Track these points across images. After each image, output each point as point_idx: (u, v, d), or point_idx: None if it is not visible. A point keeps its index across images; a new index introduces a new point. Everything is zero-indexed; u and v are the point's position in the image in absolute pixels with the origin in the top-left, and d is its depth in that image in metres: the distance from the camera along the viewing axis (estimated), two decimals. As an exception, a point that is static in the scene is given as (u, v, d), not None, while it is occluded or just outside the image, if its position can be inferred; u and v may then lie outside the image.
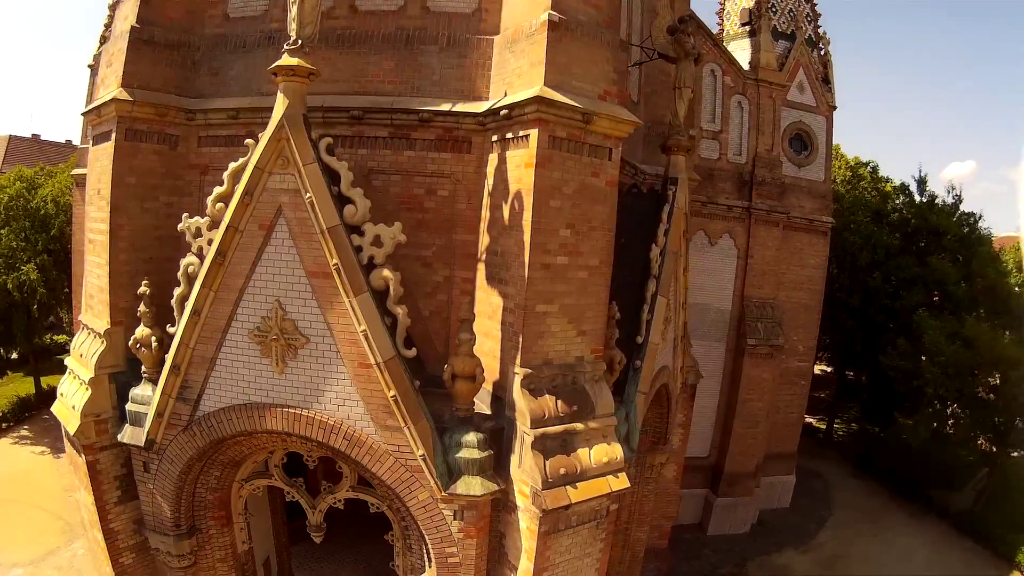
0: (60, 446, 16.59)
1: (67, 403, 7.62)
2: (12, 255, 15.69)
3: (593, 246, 6.55)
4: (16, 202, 16.13)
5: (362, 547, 12.06)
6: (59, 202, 16.95)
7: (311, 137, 6.05)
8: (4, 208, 15.97)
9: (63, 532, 13.30)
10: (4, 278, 15.34)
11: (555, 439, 6.30)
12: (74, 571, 12.13)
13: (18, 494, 14.59)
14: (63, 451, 16.31)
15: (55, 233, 16.63)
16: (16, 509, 14.02)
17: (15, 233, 15.86)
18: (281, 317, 6.30)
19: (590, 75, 6.40)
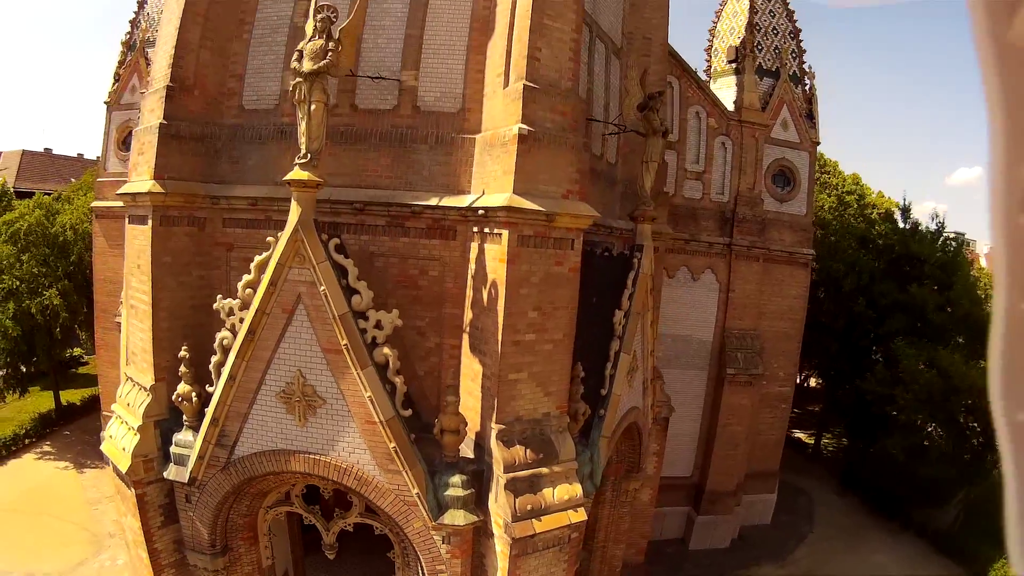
0: (82, 461, 19.05)
1: (117, 445, 9.79)
2: (34, 280, 17.99)
3: (557, 323, 8.54)
4: (36, 229, 18.38)
5: (369, 559, 14.33)
6: (77, 229, 19.17)
7: (322, 239, 8.07)
8: (24, 235, 18.24)
9: (90, 543, 15.51)
10: (28, 303, 17.63)
11: (524, 481, 8.37)
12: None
13: (46, 507, 16.84)
14: (85, 466, 18.80)
15: (75, 259, 18.89)
16: (44, 522, 16.26)
17: (36, 259, 18.14)
18: (302, 383, 8.41)
19: (555, 178, 8.34)
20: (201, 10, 9.56)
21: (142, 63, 16.12)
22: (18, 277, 17.47)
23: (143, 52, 16.17)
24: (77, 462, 18.90)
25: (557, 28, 8.55)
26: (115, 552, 14.89)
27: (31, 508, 16.67)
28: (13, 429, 19.63)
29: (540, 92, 8.21)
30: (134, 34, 17.04)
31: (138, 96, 16.05)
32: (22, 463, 18.91)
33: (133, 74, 16.51)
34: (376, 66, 9.25)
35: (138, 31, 16.88)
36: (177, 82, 9.36)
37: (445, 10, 9.31)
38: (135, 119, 16.43)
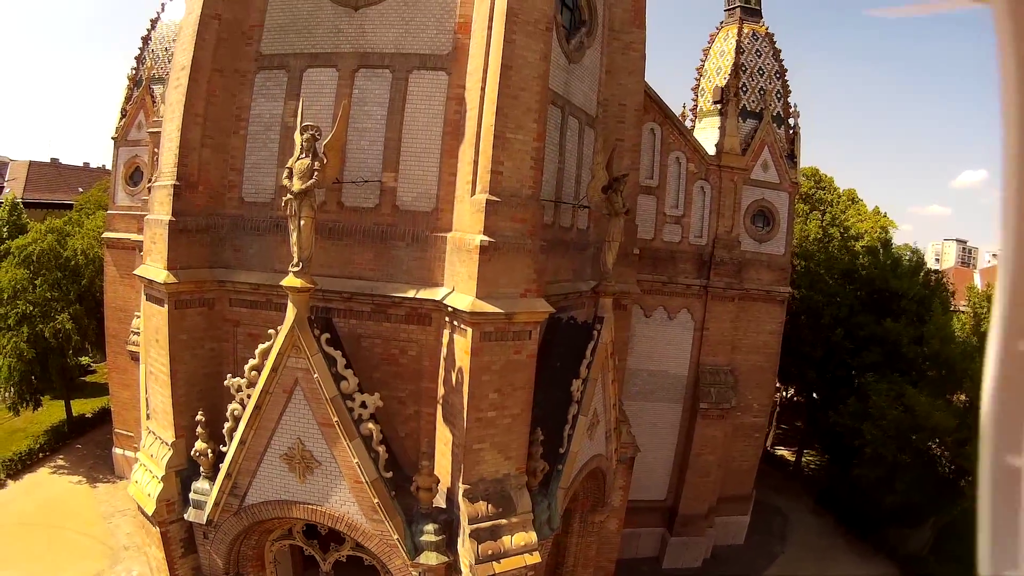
0: (95, 475, 22.28)
1: (143, 490, 12.69)
2: (47, 304, 20.96)
3: (515, 401, 11.14)
4: (48, 254, 21.25)
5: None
6: (88, 254, 22.03)
7: (315, 333, 10.74)
8: (37, 259, 21.13)
9: (106, 556, 18.43)
10: (41, 327, 20.64)
11: (486, 530, 11.10)
12: None
13: (62, 520, 19.82)
14: (99, 480, 22.02)
15: (85, 283, 21.82)
16: (61, 535, 19.23)
17: (49, 283, 21.06)
18: (301, 448, 11.18)
19: (513, 280, 10.82)
20: (200, 110, 11.96)
21: (148, 100, 18.62)
22: (31, 301, 20.45)
23: (148, 89, 18.66)
24: (90, 476, 22.03)
25: (519, 140, 10.90)
26: (130, 564, 17.96)
27: (49, 521, 19.69)
28: (28, 444, 22.88)
29: (501, 204, 10.61)
30: (139, 70, 19.46)
31: (144, 133, 18.63)
32: (38, 477, 22.12)
33: (139, 110, 19.03)
34: (360, 167, 11.69)
35: (143, 67, 19.29)
36: (182, 180, 11.81)
37: (420, 115, 11.65)
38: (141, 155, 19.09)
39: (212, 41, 11.98)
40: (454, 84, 11.51)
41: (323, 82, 12.04)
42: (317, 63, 12.06)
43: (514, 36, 10.75)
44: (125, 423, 20.64)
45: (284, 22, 12.27)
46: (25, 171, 36.84)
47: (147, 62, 19.21)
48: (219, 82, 12.16)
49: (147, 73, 18.94)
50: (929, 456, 18.58)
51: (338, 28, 11.97)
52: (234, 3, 12.19)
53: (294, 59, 12.17)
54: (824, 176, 26.54)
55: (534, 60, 11.00)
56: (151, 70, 18.75)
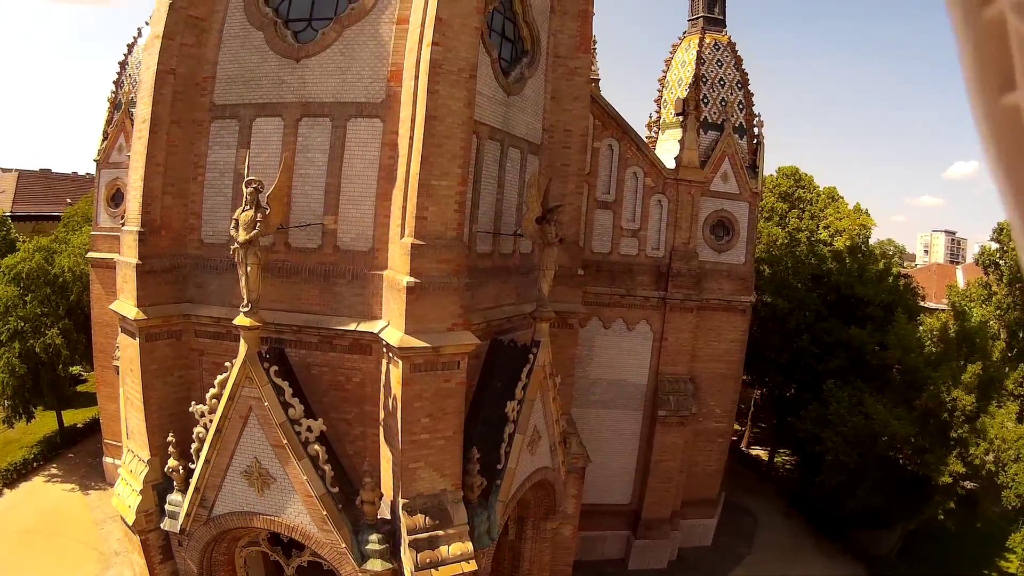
0: (87, 483, 25.23)
1: (124, 502, 15.36)
2: (37, 320, 23.85)
3: (447, 424, 13.47)
4: (37, 272, 24.09)
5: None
6: (75, 271, 24.84)
7: (264, 367, 13.19)
8: (26, 276, 23.99)
9: (98, 561, 21.01)
10: (32, 342, 23.56)
11: (424, 541, 13.52)
12: None
13: (56, 527, 22.43)
14: (91, 488, 24.94)
15: (74, 299, 24.68)
16: (56, 541, 21.81)
17: (38, 299, 23.94)
18: (258, 466, 13.69)
19: (440, 317, 13.10)
20: (161, 160, 14.23)
21: (127, 123, 21.04)
22: (22, 317, 23.34)
23: (128, 112, 21.09)
24: (82, 484, 24.86)
25: (444, 186, 13.08)
26: (121, 568, 20.66)
27: (44, 528, 22.39)
28: (23, 454, 25.87)
29: (427, 247, 12.83)
30: (118, 94, 21.94)
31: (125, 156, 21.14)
32: (33, 485, 25.06)
33: (120, 133, 21.51)
34: (304, 211, 13.95)
35: (122, 91, 21.78)
36: (147, 226, 14.12)
37: (357, 160, 13.79)
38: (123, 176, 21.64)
39: (169, 95, 14.26)
40: (388, 130, 13.63)
41: (270, 131, 14.28)
42: (264, 112, 14.30)
43: (438, 87, 12.83)
44: (114, 434, 23.42)
45: (234, 74, 14.52)
46: (14, 183, 39.75)
47: (125, 86, 21.62)
48: (178, 133, 14.45)
49: (126, 97, 21.33)
50: (891, 462, 20.47)
51: (282, 79, 14.20)
52: (188, 57, 14.45)
53: (244, 109, 14.43)
54: (804, 175, 28.09)
55: (458, 108, 13.08)
56: (129, 94, 21.14)
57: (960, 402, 19.63)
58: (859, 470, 20.54)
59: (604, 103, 18.54)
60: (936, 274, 46.62)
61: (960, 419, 19.75)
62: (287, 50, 14.10)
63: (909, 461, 19.86)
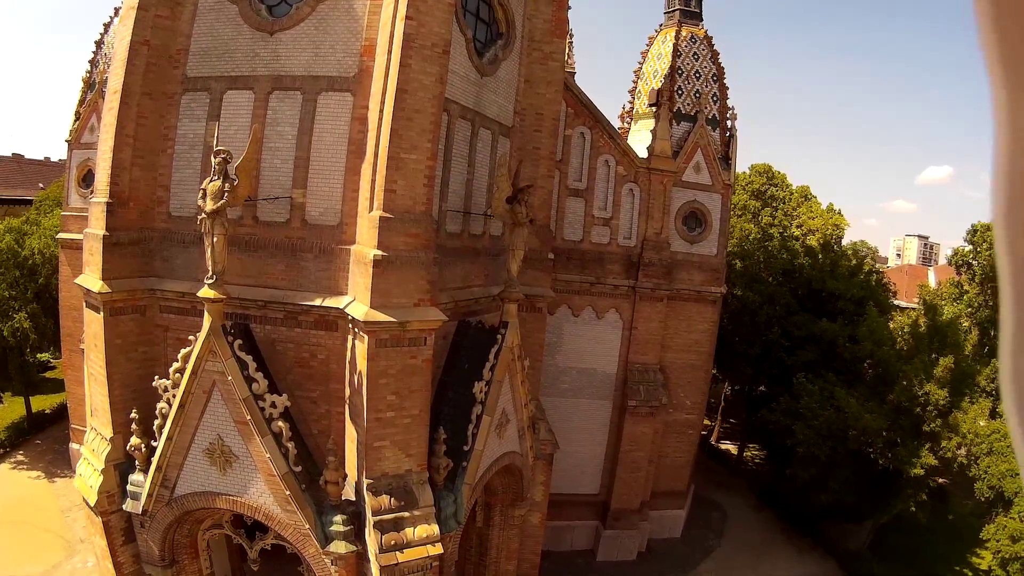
0: (54, 471, 24.58)
1: (86, 483, 14.86)
2: (4, 303, 23.21)
3: (413, 402, 13.13)
4: (6, 254, 23.46)
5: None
6: (45, 253, 24.21)
7: (228, 340, 12.77)
8: (-4, 258, 23.39)
9: (64, 548, 20.52)
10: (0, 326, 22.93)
11: (389, 522, 13.15)
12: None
13: (21, 515, 21.88)
14: (57, 475, 24.29)
15: (42, 281, 24.03)
16: (21, 529, 21.29)
17: (7, 282, 23.30)
18: (221, 443, 13.26)
19: (407, 292, 12.78)
20: (131, 131, 13.90)
21: (100, 103, 20.52)
22: (-10, 300, 22.78)
23: (101, 92, 20.56)
24: (49, 471, 24.27)
25: (412, 160, 12.79)
26: (86, 556, 20.12)
27: (9, 517, 21.80)
28: (-11, 441, 25.20)
29: (395, 220, 12.53)
30: (93, 73, 21.43)
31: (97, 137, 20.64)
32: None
33: (92, 114, 20.98)
34: (272, 184, 13.61)
35: (96, 71, 21.28)
36: (115, 197, 13.80)
37: (327, 134, 13.48)
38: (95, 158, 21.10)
39: (142, 66, 13.88)
40: (359, 105, 13.35)
41: (240, 103, 13.93)
42: (236, 86, 13.96)
43: (410, 60, 12.58)
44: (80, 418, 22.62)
45: (207, 46, 14.17)
46: (-15, 167, 39.37)
47: (100, 66, 21.11)
48: (149, 105, 14.08)
49: (100, 77, 20.81)
50: (863, 456, 20.36)
51: (255, 52, 13.87)
52: (162, 29, 14.08)
53: (216, 82, 14.08)
54: (777, 173, 28.09)
55: (429, 83, 12.84)
56: (103, 74, 20.65)
57: (932, 396, 19.56)
58: (830, 464, 20.43)
59: (577, 91, 18.35)
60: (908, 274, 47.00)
61: (932, 413, 19.69)
62: (261, 23, 13.81)
63: (880, 455, 19.75)
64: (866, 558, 21.22)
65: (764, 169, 28.17)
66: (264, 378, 12.89)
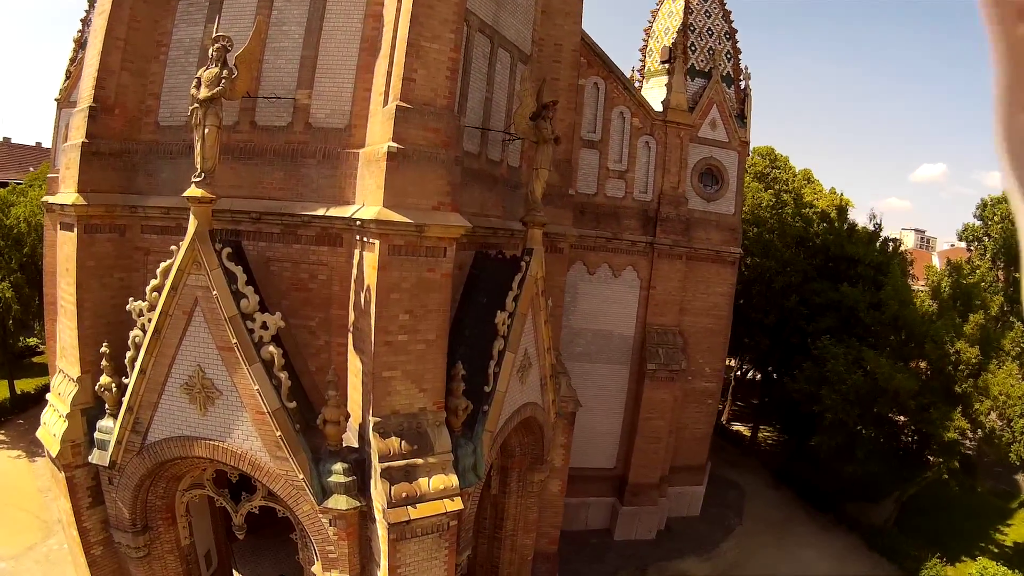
0: (34, 450, 21.01)
1: (49, 431, 11.60)
2: (-12, 273, 19.94)
3: (430, 325, 10.14)
4: (-8, 222, 20.30)
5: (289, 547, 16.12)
6: (31, 222, 21.02)
7: (216, 248, 9.73)
8: (-22, 227, 20.16)
9: (40, 529, 17.46)
10: (-18, 296, 19.59)
11: (399, 470, 10.00)
12: (50, 564, 16.15)
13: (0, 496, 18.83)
14: (37, 455, 20.74)
15: (28, 251, 20.76)
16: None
17: (-9, 252, 20.07)
18: (201, 377, 10.11)
19: (425, 192, 9.89)
20: (121, 35, 11.20)
21: (89, 61, 17.75)
22: (-28, 270, 19.44)
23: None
24: (30, 451, 20.95)
25: (434, 49, 10.05)
26: (62, 537, 16.73)
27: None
28: (-31, 420, 21.50)
29: (413, 112, 9.73)
30: (85, 32, 18.67)
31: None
32: (-22, 452, 20.93)
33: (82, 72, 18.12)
34: (274, 86, 10.86)
35: (88, 30, 18.49)
36: (99, 103, 11.03)
37: (337, 32, 10.85)
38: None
39: (135, -34, 11.21)
40: (372, 1, 10.77)
41: (243, 4, 11.29)
42: (237, -14, 11.27)
43: (431, -56, 9.99)
44: (63, 393, 19.47)
45: (208, -56, 11.52)
46: (-27, 151, 36.05)
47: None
48: (142, 9, 11.54)
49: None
50: (890, 424, 17.58)
51: (259, -51, 11.21)
52: (159, -77, 11.46)
53: (216, -18, 11.39)
54: (779, 155, 25.82)
55: (451, -30, 10.22)
56: (95, 33, 17.97)
57: (964, 355, 16.87)
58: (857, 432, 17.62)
59: (590, 41, 15.85)
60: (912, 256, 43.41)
61: (964, 373, 16.97)
62: (262, -86, 11.13)
63: (911, 418, 16.92)
64: (892, 534, 18.20)
65: (767, 151, 25.89)
66: (256, 294, 9.84)
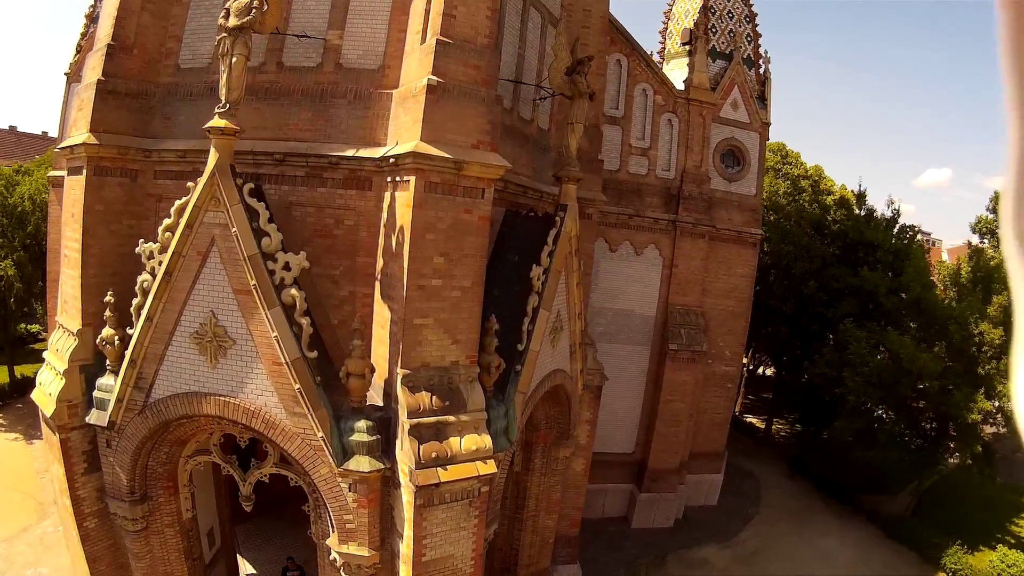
0: (32, 433, 19.51)
1: (45, 390, 10.25)
2: (-10, 250, 18.50)
3: (465, 270, 8.98)
4: (-5, 200, 18.92)
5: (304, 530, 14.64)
6: (36, 200, 19.64)
7: (237, 183, 8.56)
8: (-19, 204, 18.77)
9: (35, 511, 16.07)
10: (-17, 272, 18.14)
11: (429, 428, 8.76)
12: (44, 547, 14.76)
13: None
14: (35, 437, 19.24)
15: (31, 230, 19.37)
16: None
17: (-6, 230, 18.65)
18: (214, 324, 8.85)
19: (464, 129, 8.80)
20: (142, -25, 10.15)
21: (101, 34, 16.64)
22: (-27, 247, 18.01)
23: (103, 23, 16.68)
24: (28, 434, 19.52)
25: (474, -12, 9.06)
26: (57, 520, 15.31)
27: None
28: (-31, 403, 19.87)
29: (453, 47, 8.68)
30: (96, 6, 17.57)
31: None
32: (-24, 435, 19.34)
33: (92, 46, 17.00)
34: (304, 27, 9.78)
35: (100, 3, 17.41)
36: (117, 41, 9.94)
37: (371, -30, 9.84)
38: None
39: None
40: (408, -59, 9.76)
41: (271, -58, 10.19)
42: (267, -77, 10.20)
43: None
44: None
45: None
46: (-20, 137, 34.50)
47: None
48: None
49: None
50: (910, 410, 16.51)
51: None
52: None
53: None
54: (791, 152, 24.99)
55: (490, -91, 9.22)
56: (109, 6, 16.89)
57: (987, 335, 15.87)
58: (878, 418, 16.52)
59: (612, 18, 14.93)
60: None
61: (987, 354, 15.95)
62: None
63: (934, 401, 15.84)
64: (912, 523, 17.02)
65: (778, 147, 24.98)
66: (278, 232, 8.64)
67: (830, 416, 18.27)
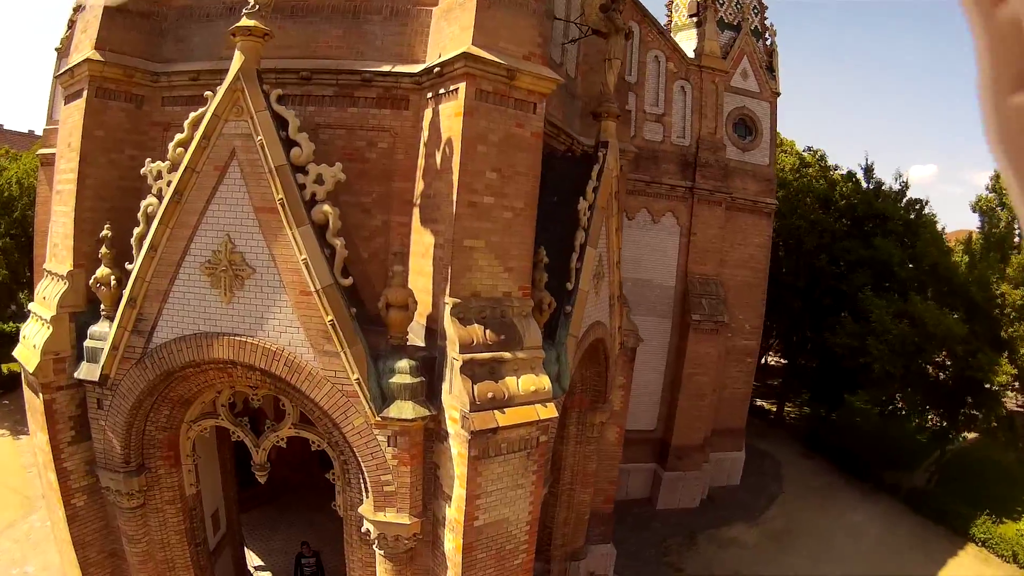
0: (19, 428, 17.24)
1: (29, 343, 8.32)
2: (-28, 236, 16.32)
3: (518, 189, 7.47)
4: (-20, 185, 16.83)
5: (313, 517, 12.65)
6: (23, 184, 17.61)
7: (263, 89, 6.97)
8: (-34, 190, 16.65)
9: (21, 506, 14.04)
10: (-33, 258, 15.92)
11: (483, 365, 7.12)
12: (30, 543, 12.80)
13: None
14: (22, 433, 16.96)
15: (18, 216, 17.26)
16: None
17: (-22, 215, 16.50)
18: (230, 250, 7.13)
19: (515, 38, 7.39)
20: None
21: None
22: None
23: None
24: (15, 429, 17.38)
25: None
26: (44, 514, 13.16)
27: None
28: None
29: (502, -42, 7.34)
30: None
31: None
32: (-39, 431, 16.92)
33: (87, 21, 15.27)
34: (335, -60, 8.35)
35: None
36: None
37: None
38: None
39: None
40: None
41: None
42: None
43: None
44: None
45: None
46: (-35, 135, 31.96)
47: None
48: None
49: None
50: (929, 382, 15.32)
51: None
52: None
53: None
54: (785, 140, 24.09)
55: None
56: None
57: (1009, 297, 14.83)
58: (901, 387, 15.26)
59: (622, -14, 13.95)
60: None
61: (1011, 316, 14.87)
62: None
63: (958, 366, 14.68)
64: (936, 495, 15.69)
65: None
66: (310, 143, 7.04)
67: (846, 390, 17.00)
